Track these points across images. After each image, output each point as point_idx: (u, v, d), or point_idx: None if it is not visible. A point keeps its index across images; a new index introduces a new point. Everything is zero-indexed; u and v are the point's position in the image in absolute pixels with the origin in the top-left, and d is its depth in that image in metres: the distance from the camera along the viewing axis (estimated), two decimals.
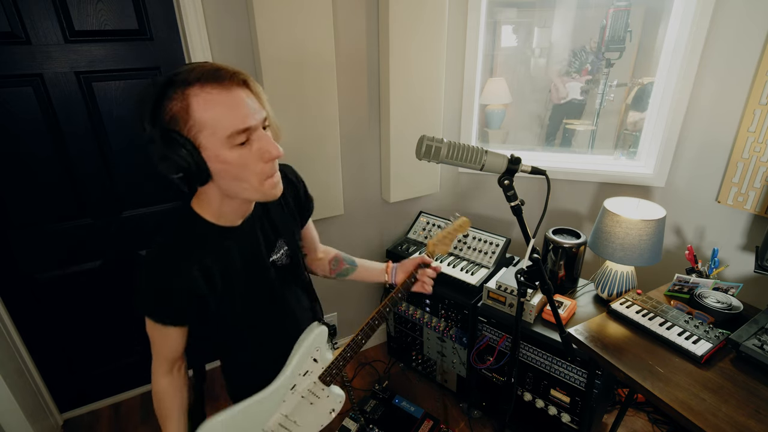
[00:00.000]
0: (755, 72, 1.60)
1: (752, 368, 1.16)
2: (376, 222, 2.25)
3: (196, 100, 0.70)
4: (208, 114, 0.71)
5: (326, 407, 1.14)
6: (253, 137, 0.76)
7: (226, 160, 0.74)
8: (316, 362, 1.09)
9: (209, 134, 0.72)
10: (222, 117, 0.72)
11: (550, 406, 1.64)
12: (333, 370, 1.10)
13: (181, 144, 0.71)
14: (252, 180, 0.78)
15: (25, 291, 1.79)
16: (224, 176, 0.77)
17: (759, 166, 1.64)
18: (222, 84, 0.72)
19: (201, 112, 0.71)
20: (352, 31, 1.83)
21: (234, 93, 0.73)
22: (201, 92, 0.71)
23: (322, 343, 1.10)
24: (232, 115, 0.72)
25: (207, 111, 0.71)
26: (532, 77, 2.81)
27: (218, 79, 0.71)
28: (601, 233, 1.56)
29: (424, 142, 0.94)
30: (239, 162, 0.75)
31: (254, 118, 0.75)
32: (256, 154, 0.76)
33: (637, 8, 2.20)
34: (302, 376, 1.07)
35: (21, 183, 1.65)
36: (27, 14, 1.47)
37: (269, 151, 0.77)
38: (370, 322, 1.13)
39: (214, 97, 0.71)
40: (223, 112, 0.72)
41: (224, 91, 0.72)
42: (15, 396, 1.65)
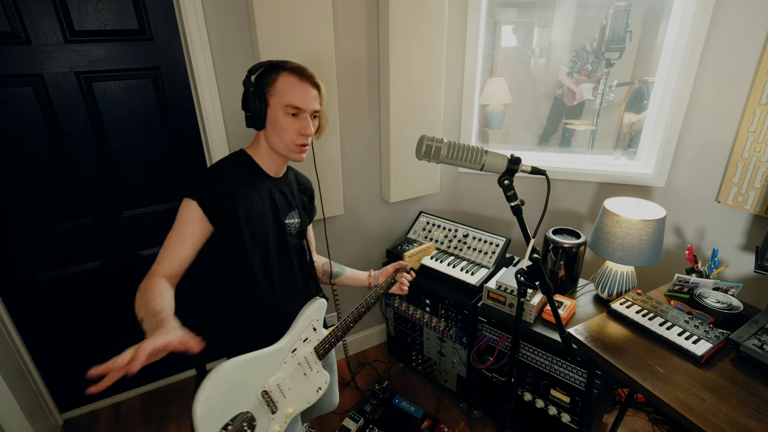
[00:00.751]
0: (755, 72, 1.60)
1: (752, 368, 1.16)
2: (376, 222, 2.25)
3: (282, 79, 1.08)
4: (284, 88, 1.08)
5: (315, 384, 1.23)
6: (301, 116, 1.10)
7: (277, 119, 1.09)
8: (315, 331, 1.22)
9: (276, 99, 1.08)
10: (288, 93, 1.08)
11: (550, 406, 1.64)
12: (326, 344, 1.24)
13: (260, 97, 1.08)
14: (287, 140, 1.11)
15: (25, 291, 1.79)
16: (272, 128, 1.11)
17: (759, 166, 1.64)
18: (300, 78, 1.09)
19: (280, 86, 1.08)
20: (352, 31, 1.83)
21: (304, 86, 1.09)
22: (287, 76, 1.08)
23: (321, 315, 1.25)
24: (294, 96, 1.08)
25: (283, 87, 1.08)
26: (532, 77, 2.82)
27: (300, 74, 1.09)
28: (601, 233, 1.56)
29: (424, 142, 0.94)
30: (283, 125, 1.09)
31: (308, 104, 1.09)
32: (297, 126, 1.10)
33: (637, 8, 2.20)
34: (302, 341, 1.19)
35: (21, 183, 1.65)
36: (27, 14, 1.47)
37: (305, 128, 1.11)
38: (358, 308, 1.32)
39: (293, 81, 1.08)
40: (290, 92, 1.08)
41: (299, 82, 1.09)
42: (15, 396, 1.65)
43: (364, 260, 2.27)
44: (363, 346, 2.51)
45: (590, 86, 2.55)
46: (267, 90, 1.08)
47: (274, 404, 1.11)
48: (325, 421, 2.00)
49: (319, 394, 1.23)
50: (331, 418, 2.01)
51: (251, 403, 1.07)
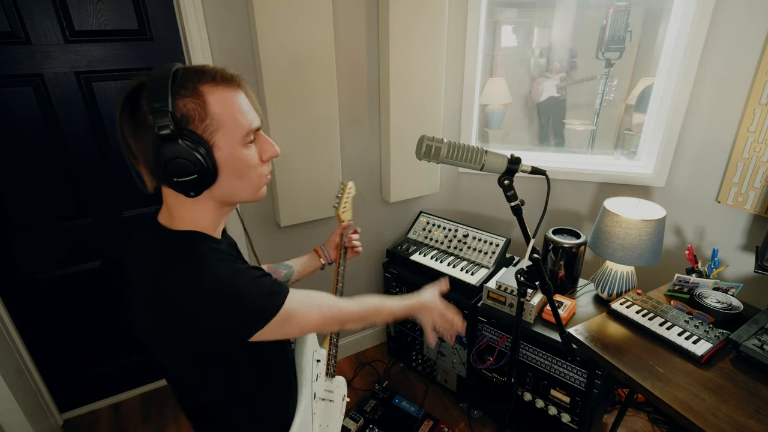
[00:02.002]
0: (755, 72, 1.60)
1: (752, 368, 1.16)
2: (376, 222, 2.25)
3: (213, 98, 0.68)
4: (226, 113, 0.70)
5: (339, 396, 1.18)
6: (258, 137, 0.77)
7: (238, 158, 0.73)
8: (319, 362, 1.12)
9: (226, 133, 0.70)
10: (238, 116, 0.71)
11: (550, 406, 1.64)
12: (331, 359, 1.17)
13: (198, 142, 0.67)
14: (254, 179, 0.77)
15: (25, 291, 1.79)
16: (230, 175, 0.73)
17: (759, 166, 1.64)
18: (231, 85, 0.72)
19: (219, 110, 0.69)
20: (352, 31, 1.83)
21: (241, 93, 0.73)
22: (216, 90, 0.69)
23: (316, 343, 1.13)
24: (245, 114, 0.72)
25: (224, 109, 0.69)
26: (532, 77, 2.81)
27: (228, 80, 0.71)
28: (601, 233, 1.56)
29: (424, 142, 0.94)
30: (247, 161, 0.74)
31: (257, 119, 0.76)
32: (260, 152, 0.77)
33: (637, 8, 2.20)
34: (316, 381, 1.08)
35: (21, 183, 1.65)
36: (27, 14, 1.47)
37: (270, 150, 0.78)
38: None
39: (228, 96, 0.70)
40: (238, 111, 0.71)
41: (234, 92, 0.72)
42: (15, 396, 1.65)
43: (365, 260, 2.27)
44: (363, 346, 2.50)
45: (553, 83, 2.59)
46: (199, 127, 0.68)
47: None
48: None
49: (345, 401, 1.20)
50: None
51: None
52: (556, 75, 2.59)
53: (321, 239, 1.46)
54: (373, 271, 2.33)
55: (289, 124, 1.74)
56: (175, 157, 0.66)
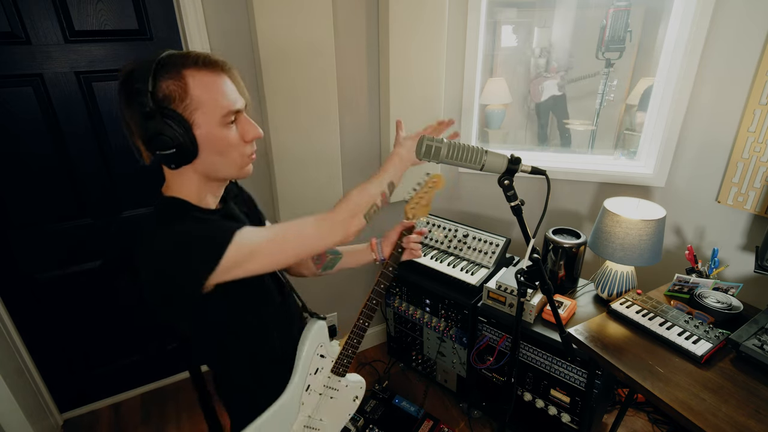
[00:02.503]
0: (755, 72, 1.60)
1: (752, 368, 1.16)
2: (376, 222, 2.23)
3: (194, 81, 0.76)
4: (206, 94, 0.77)
5: (349, 396, 1.16)
6: (240, 118, 0.84)
7: (217, 137, 0.79)
8: (324, 358, 1.09)
9: (205, 112, 0.77)
10: (218, 97, 0.78)
11: (550, 406, 1.64)
12: (344, 359, 1.11)
13: (176, 120, 0.75)
14: (235, 157, 0.83)
15: (25, 291, 1.79)
16: (210, 152, 0.81)
17: (759, 166, 1.64)
18: (215, 69, 0.79)
19: (199, 92, 0.76)
20: (352, 31, 1.83)
21: (224, 78, 0.80)
22: (197, 74, 0.76)
23: (325, 338, 1.09)
24: (225, 96, 0.79)
25: (205, 91, 0.77)
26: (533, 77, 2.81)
27: (212, 65, 0.79)
28: (601, 233, 1.56)
29: (424, 142, 0.94)
30: (228, 140, 0.81)
31: (241, 99, 0.83)
32: (243, 133, 0.84)
33: (637, 8, 2.20)
34: (313, 375, 1.07)
35: (21, 183, 1.65)
36: (27, 14, 1.47)
37: (252, 131, 0.84)
38: (368, 303, 1.12)
39: (210, 79, 0.78)
40: (218, 93, 0.78)
41: (217, 76, 0.79)
42: (15, 396, 1.65)
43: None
44: (363, 346, 2.50)
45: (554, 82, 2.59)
46: (180, 106, 0.75)
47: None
48: None
49: (356, 402, 1.17)
50: None
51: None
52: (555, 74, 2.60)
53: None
54: (373, 271, 2.33)
55: (289, 123, 1.74)
56: (155, 132, 0.75)
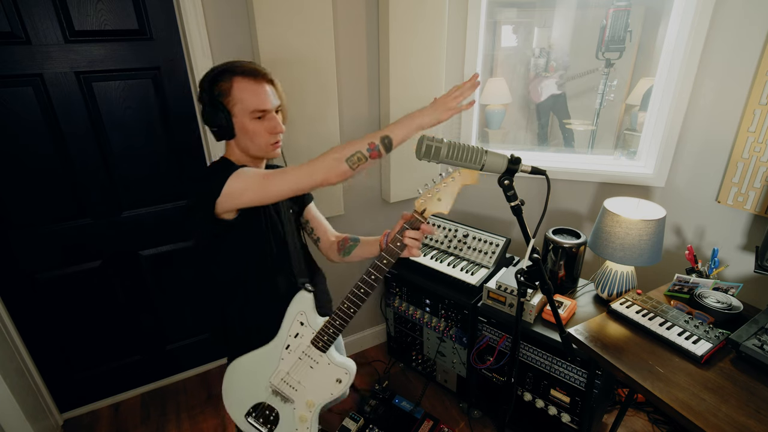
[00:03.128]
0: (755, 72, 1.60)
1: (752, 368, 1.16)
2: (376, 222, 2.25)
3: (237, 85, 1.06)
4: (242, 95, 1.07)
5: (330, 376, 1.20)
6: (267, 116, 1.11)
7: (245, 126, 1.09)
8: (303, 325, 1.19)
9: (240, 108, 1.07)
10: (249, 100, 1.07)
11: (550, 406, 1.64)
12: (324, 336, 1.17)
13: (221, 109, 1.07)
14: (260, 143, 1.12)
15: (25, 291, 1.79)
16: (242, 135, 1.11)
17: (759, 166, 1.64)
18: (255, 78, 1.08)
19: (238, 93, 1.06)
20: (352, 30, 1.83)
21: (261, 85, 1.09)
22: (242, 80, 1.07)
23: (308, 308, 1.19)
24: (256, 99, 1.07)
25: (242, 93, 1.06)
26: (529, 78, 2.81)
27: (254, 76, 1.08)
28: (601, 233, 1.56)
29: (424, 142, 0.94)
30: (252, 130, 1.10)
31: (271, 104, 1.10)
32: (266, 127, 1.11)
33: (637, 8, 2.20)
34: (294, 338, 1.20)
35: (21, 183, 1.65)
36: (27, 14, 1.47)
37: (274, 127, 1.12)
38: (354, 289, 1.11)
39: (249, 85, 1.07)
40: (250, 97, 1.07)
41: (255, 84, 1.08)
42: (15, 396, 1.65)
43: (365, 261, 2.27)
44: (363, 346, 2.50)
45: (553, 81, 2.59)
46: (225, 100, 1.06)
47: (285, 396, 1.22)
48: (326, 421, 2.00)
49: (341, 386, 1.21)
50: (331, 418, 2.01)
51: (264, 395, 1.23)
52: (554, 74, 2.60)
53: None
54: None
55: (289, 124, 1.73)
56: (206, 115, 1.09)
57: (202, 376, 2.31)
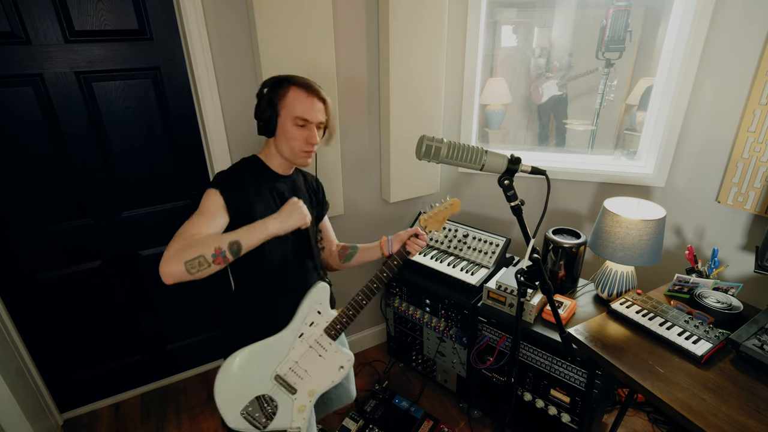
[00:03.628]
0: (755, 72, 1.60)
1: (752, 368, 1.16)
2: (376, 222, 2.25)
3: (292, 93, 1.19)
4: (293, 101, 1.18)
5: (335, 362, 1.27)
6: (308, 127, 1.21)
7: (286, 128, 1.20)
8: (320, 314, 1.26)
9: (287, 111, 1.19)
10: (297, 107, 1.18)
11: (550, 406, 1.64)
12: (337, 324, 1.26)
13: (272, 107, 1.19)
14: (294, 147, 1.21)
15: (25, 291, 1.79)
16: (282, 136, 1.21)
17: (759, 166, 1.64)
18: (308, 92, 1.20)
19: (290, 99, 1.18)
20: (352, 30, 1.83)
21: (311, 99, 1.20)
22: (296, 90, 1.19)
23: (325, 299, 1.28)
24: (303, 109, 1.19)
25: (293, 100, 1.18)
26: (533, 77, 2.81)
27: (308, 89, 1.20)
28: (601, 233, 1.56)
29: (424, 142, 0.94)
30: (292, 134, 1.20)
31: (314, 117, 1.20)
32: (305, 135, 1.21)
33: (637, 8, 2.20)
34: (309, 326, 1.25)
35: (21, 183, 1.65)
36: (27, 14, 1.47)
37: (311, 137, 1.21)
38: (368, 284, 1.29)
39: (300, 95, 1.19)
40: (299, 105, 1.18)
41: (307, 96, 1.19)
42: (15, 396, 1.65)
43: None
44: (363, 346, 2.50)
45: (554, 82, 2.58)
46: (278, 102, 1.19)
47: (290, 386, 1.24)
48: (325, 421, 2.00)
49: (342, 372, 1.28)
50: (331, 418, 2.01)
51: (267, 387, 1.23)
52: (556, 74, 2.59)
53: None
54: (373, 270, 2.33)
55: None
56: (258, 108, 1.22)
57: (202, 376, 2.31)
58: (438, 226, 1.36)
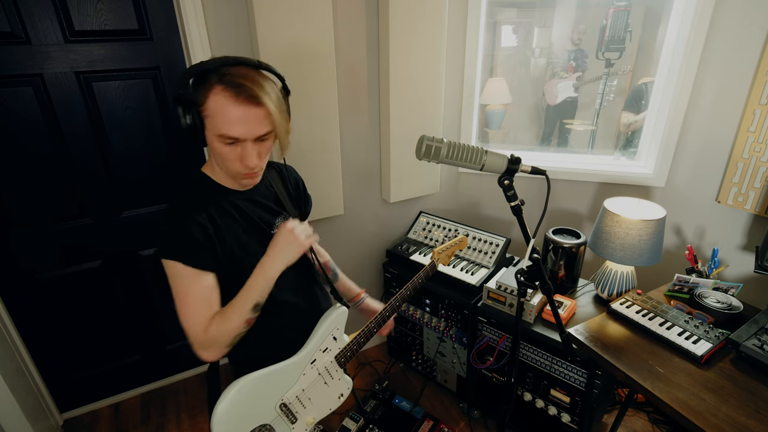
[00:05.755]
0: (755, 72, 1.60)
1: (752, 368, 1.16)
2: (376, 222, 2.25)
3: (214, 98, 0.85)
4: (216, 112, 0.86)
5: (336, 390, 1.20)
6: (242, 144, 0.90)
7: (214, 146, 0.91)
8: (335, 341, 1.16)
9: (211, 123, 0.88)
10: (222, 120, 0.86)
11: (550, 406, 1.64)
12: (348, 352, 1.18)
13: (194, 115, 0.87)
14: (228, 168, 0.94)
15: (25, 291, 1.79)
16: (213, 152, 0.93)
17: (759, 166, 1.64)
18: (237, 98, 0.85)
19: (213, 107, 0.86)
20: (352, 31, 1.83)
21: (241, 109, 0.85)
22: (220, 93, 0.85)
23: (342, 324, 1.17)
24: (226, 124, 0.86)
25: (216, 109, 0.86)
26: (532, 77, 2.81)
27: (237, 93, 0.85)
28: (601, 233, 1.56)
29: (424, 142, 0.94)
30: (221, 153, 0.91)
31: (246, 133, 0.88)
32: (237, 154, 0.91)
33: (637, 8, 2.20)
34: (322, 352, 1.14)
35: (21, 183, 1.65)
36: (27, 14, 1.47)
37: (245, 158, 0.91)
38: (382, 313, 1.23)
39: (225, 103, 0.85)
40: (222, 118, 0.86)
41: (234, 104, 0.85)
42: (15, 396, 1.65)
43: (365, 260, 2.27)
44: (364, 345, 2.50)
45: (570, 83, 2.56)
46: (199, 107, 0.87)
47: (293, 415, 1.12)
48: (325, 421, 2.00)
49: (341, 400, 1.22)
50: (331, 418, 2.01)
51: (270, 416, 1.08)
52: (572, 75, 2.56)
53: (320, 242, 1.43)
54: (373, 271, 2.34)
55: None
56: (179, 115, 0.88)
57: (202, 376, 2.31)
58: (447, 261, 1.46)
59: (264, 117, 0.87)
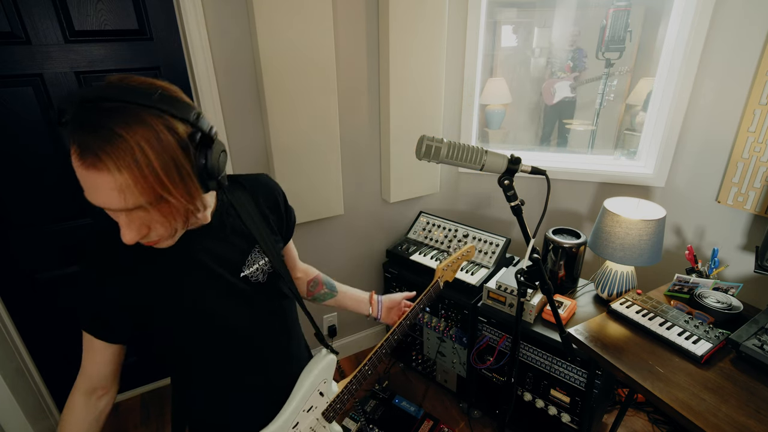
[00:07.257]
0: (755, 72, 1.60)
1: (752, 368, 1.16)
2: (376, 222, 2.25)
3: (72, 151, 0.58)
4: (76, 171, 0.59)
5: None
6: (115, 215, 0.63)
7: None
8: (322, 396, 0.99)
9: None
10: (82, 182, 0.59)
11: (550, 406, 1.64)
12: (337, 404, 1.01)
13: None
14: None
15: (25, 291, 1.79)
16: None
17: (759, 166, 1.64)
18: (81, 161, 0.57)
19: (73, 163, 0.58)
20: (351, 31, 1.83)
21: (86, 174, 0.57)
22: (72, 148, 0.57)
23: (330, 374, 1.00)
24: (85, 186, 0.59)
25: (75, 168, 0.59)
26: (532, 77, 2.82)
27: (80, 152, 0.56)
28: (601, 233, 1.56)
29: (424, 142, 0.94)
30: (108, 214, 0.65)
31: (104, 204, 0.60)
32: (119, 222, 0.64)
33: (637, 8, 2.20)
34: (306, 412, 0.96)
35: (21, 183, 1.65)
36: (27, 14, 1.47)
37: (122, 232, 0.63)
38: (377, 352, 1.09)
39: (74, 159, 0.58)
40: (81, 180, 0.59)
41: (80, 166, 0.57)
42: (15, 396, 1.65)
43: (365, 260, 2.27)
44: (363, 346, 2.50)
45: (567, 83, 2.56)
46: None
47: None
48: None
49: None
50: None
51: None
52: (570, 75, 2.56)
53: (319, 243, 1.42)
54: (373, 271, 2.33)
55: (289, 125, 1.74)
56: None
57: None
58: (451, 277, 1.25)
59: (113, 189, 0.58)
